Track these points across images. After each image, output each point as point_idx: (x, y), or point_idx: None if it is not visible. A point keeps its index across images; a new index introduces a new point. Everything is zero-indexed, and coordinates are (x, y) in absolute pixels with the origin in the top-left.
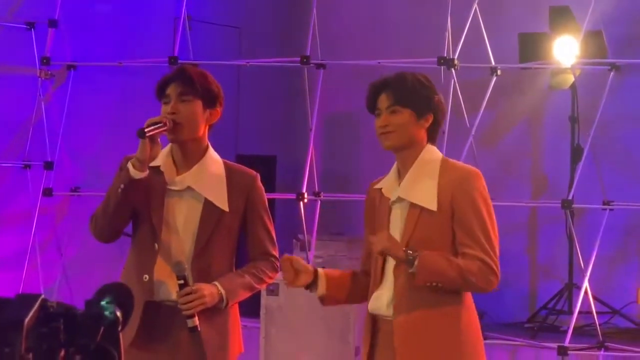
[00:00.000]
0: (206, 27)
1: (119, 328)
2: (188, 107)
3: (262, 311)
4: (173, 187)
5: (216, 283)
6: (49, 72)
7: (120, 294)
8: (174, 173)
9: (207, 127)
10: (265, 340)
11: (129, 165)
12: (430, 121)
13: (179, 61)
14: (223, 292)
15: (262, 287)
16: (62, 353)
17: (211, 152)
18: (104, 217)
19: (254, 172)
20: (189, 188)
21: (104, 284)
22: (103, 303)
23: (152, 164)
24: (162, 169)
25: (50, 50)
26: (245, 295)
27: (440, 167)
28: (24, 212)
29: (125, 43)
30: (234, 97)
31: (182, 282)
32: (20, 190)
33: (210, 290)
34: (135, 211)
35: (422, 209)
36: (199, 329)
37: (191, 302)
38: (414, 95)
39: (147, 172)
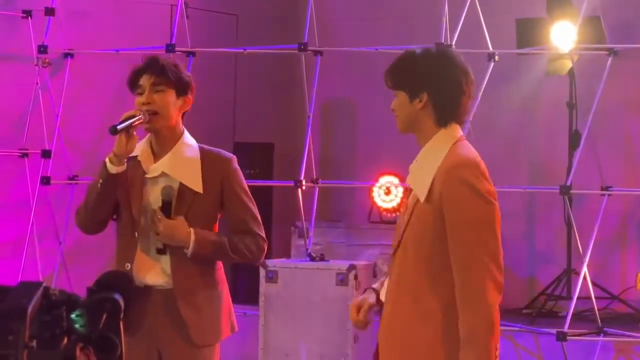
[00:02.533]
0: (203, 15)
1: (121, 316)
2: (162, 96)
3: (261, 299)
4: (150, 175)
5: (191, 229)
6: (46, 60)
7: (121, 282)
8: (151, 161)
9: (180, 115)
10: (264, 328)
11: (106, 161)
12: (425, 100)
13: (176, 49)
14: (193, 236)
15: (239, 259)
16: (65, 340)
17: (186, 137)
18: (86, 210)
19: (230, 155)
20: (163, 174)
21: (104, 272)
22: (73, 316)
23: (134, 154)
24: (139, 158)
25: (47, 39)
26: (214, 252)
27: (446, 154)
28: (22, 200)
29: (122, 31)
30: (231, 85)
31: (160, 205)
32: (18, 178)
33: (177, 226)
34: (117, 201)
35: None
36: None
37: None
38: (403, 74)
39: (124, 167)
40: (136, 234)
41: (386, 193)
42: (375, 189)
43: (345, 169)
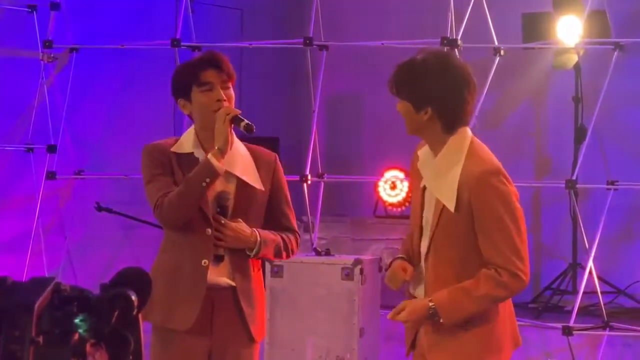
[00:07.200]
0: (208, 9)
1: (135, 312)
2: (229, 94)
3: (267, 293)
4: None
5: (255, 230)
6: (52, 55)
7: (137, 278)
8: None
9: None
10: (270, 322)
11: (212, 160)
12: (430, 113)
13: (182, 43)
14: (258, 237)
15: (285, 257)
16: (76, 336)
17: (234, 134)
18: (182, 208)
19: (274, 153)
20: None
21: (122, 268)
22: (76, 321)
23: (184, 150)
24: (196, 155)
25: (53, 33)
26: (274, 252)
27: (465, 158)
28: (27, 195)
29: (127, 25)
30: (236, 79)
31: (218, 210)
32: (23, 173)
33: (241, 228)
34: None
35: (444, 205)
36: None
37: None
38: (408, 87)
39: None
40: (209, 230)
41: (392, 187)
42: (380, 183)
43: (351, 163)
